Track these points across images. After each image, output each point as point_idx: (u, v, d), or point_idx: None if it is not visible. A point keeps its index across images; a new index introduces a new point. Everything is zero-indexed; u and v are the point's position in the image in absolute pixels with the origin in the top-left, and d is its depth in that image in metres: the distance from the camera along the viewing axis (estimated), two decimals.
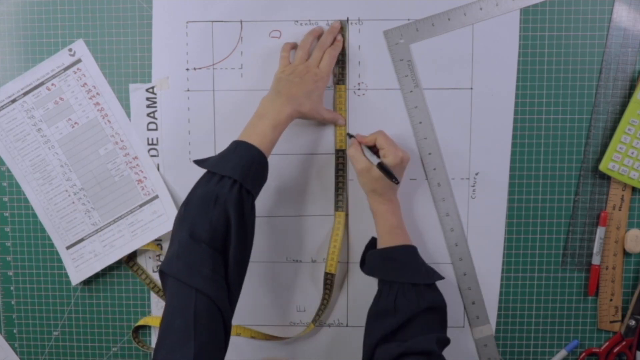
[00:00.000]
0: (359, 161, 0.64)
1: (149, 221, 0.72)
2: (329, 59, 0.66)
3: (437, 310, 0.61)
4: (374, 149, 0.66)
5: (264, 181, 0.60)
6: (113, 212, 0.72)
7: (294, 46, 0.69)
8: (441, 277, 0.63)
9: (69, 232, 0.72)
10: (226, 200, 0.55)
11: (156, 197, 0.71)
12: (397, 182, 0.61)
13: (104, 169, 0.72)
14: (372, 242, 0.69)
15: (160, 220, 0.72)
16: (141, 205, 0.72)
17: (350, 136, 0.69)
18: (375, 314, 0.62)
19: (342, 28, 0.69)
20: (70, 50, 0.70)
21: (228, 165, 0.57)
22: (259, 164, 0.59)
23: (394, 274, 0.62)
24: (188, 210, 0.55)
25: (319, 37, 0.68)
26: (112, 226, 0.72)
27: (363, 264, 0.68)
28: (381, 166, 0.62)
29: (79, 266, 0.72)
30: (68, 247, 0.72)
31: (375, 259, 0.65)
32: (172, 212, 0.71)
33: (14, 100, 0.71)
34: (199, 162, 0.59)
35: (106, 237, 0.72)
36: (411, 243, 0.65)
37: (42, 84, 0.71)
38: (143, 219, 0.72)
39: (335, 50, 0.67)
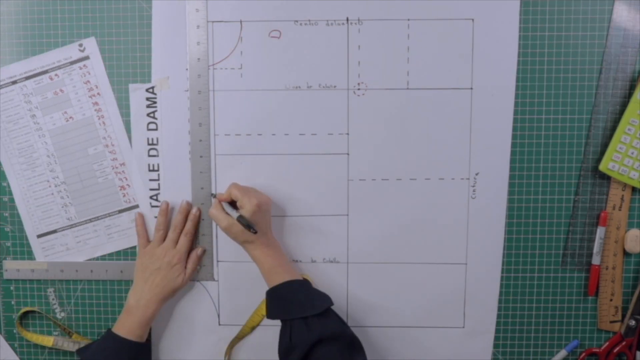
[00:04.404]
0: (221, 220, 0.65)
1: (127, 228, 0.73)
2: (184, 241, 0.69)
3: (332, 339, 0.60)
4: (234, 204, 0.67)
5: None
6: (90, 212, 0.72)
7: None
8: (330, 304, 0.63)
9: (43, 221, 0.73)
10: None
11: (136, 206, 0.72)
12: (255, 232, 0.63)
13: (89, 168, 0.72)
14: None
15: None
16: (120, 211, 0.72)
17: (213, 196, 0.70)
18: (280, 354, 0.62)
19: (200, 210, 0.71)
20: (80, 45, 0.70)
21: (102, 355, 0.65)
22: (130, 352, 0.65)
23: (285, 311, 0.63)
24: None
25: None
26: (87, 225, 0.72)
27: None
28: (239, 220, 0.63)
29: (49, 256, 0.73)
30: (39, 236, 0.73)
31: (268, 300, 0.65)
32: (150, 224, 0.72)
33: (14, 82, 0.71)
34: (80, 352, 0.67)
35: (80, 234, 0.73)
36: (298, 277, 0.65)
37: (45, 72, 0.71)
38: (121, 224, 0.72)
39: (190, 231, 0.70)
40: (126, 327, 0.66)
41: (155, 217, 0.71)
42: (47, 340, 0.73)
